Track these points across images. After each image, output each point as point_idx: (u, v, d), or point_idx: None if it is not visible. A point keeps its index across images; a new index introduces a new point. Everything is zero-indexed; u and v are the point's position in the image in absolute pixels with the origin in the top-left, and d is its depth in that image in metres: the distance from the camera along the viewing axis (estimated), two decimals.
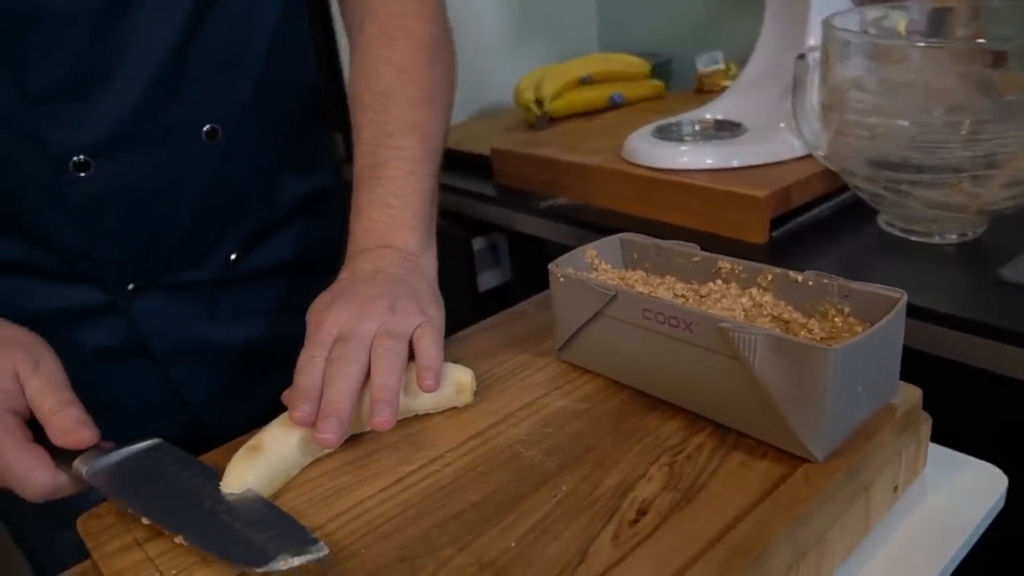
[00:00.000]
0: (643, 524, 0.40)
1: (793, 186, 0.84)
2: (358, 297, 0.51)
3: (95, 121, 0.51)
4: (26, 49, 0.48)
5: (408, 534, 0.41)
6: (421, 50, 0.59)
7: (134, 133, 0.53)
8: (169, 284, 0.60)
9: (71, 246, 0.55)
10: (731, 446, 0.46)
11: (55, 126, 0.51)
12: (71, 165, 0.52)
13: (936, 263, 0.75)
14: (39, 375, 0.46)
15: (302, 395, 0.45)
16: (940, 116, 0.72)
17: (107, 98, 0.51)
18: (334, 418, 0.44)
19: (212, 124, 0.57)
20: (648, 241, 0.57)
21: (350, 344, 0.47)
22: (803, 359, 0.40)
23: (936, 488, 0.50)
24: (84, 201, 0.53)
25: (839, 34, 0.75)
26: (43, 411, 0.46)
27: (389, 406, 0.45)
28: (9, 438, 0.44)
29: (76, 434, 0.45)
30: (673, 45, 1.53)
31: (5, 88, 0.49)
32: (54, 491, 0.45)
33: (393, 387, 0.46)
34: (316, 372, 0.47)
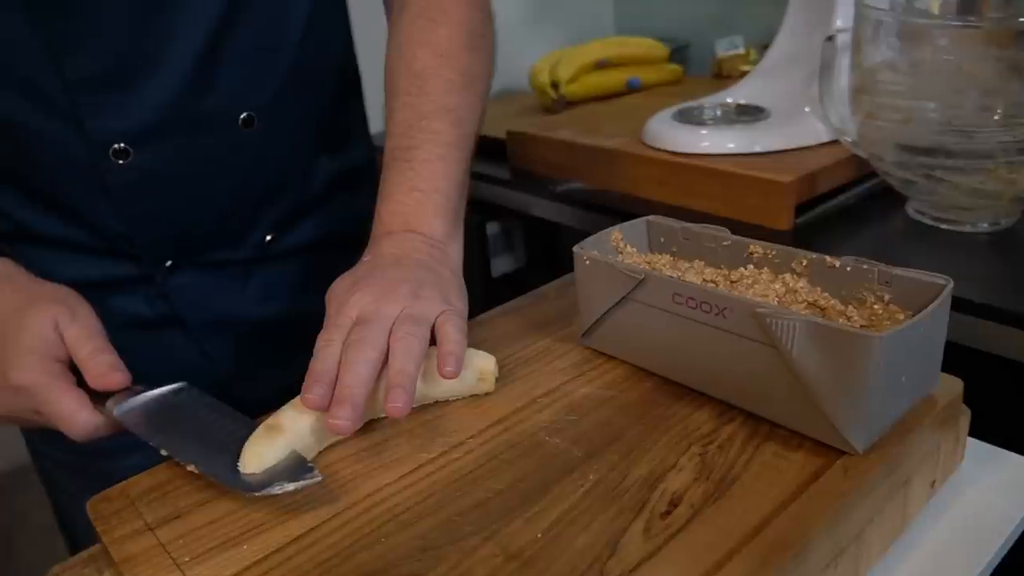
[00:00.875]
0: (675, 516, 0.39)
1: (819, 172, 0.82)
2: (381, 281, 0.49)
3: (134, 109, 0.52)
4: (68, 37, 0.49)
5: (429, 523, 0.40)
6: (462, 35, 0.58)
7: (172, 121, 0.54)
8: (205, 262, 0.61)
9: (111, 228, 0.56)
10: (764, 436, 0.44)
11: (95, 114, 0.51)
12: (111, 152, 0.52)
13: (968, 252, 0.73)
14: (76, 325, 0.49)
15: (316, 378, 0.44)
16: (974, 100, 0.70)
17: (146, 87, 0.52)
18: (349, 404, 0.43)
19: (249, 112, 0.57)
20: (676, 224, 0.55)
21: (370, 328, 0.46)
22: (846, 347, 0.39)
23: (973, 484, 0.48)
24: (123, 187, 0.54)
25: (872, 14, 0.72)
26: (80, 357, 0.48)
27: (405, 392, 0.43)
28: (55, 383, 0.47)
29: (109, 377, 0.48)
30: (690, 29, 1.50)
31: (47, 75, 0.50)
32: (94, 430, 0.48)
33: (410, 372, 0.44)
34: (332, 355, 0.45)
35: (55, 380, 0.47)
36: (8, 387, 0.47)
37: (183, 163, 0.55)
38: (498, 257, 1.21)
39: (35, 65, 0.50)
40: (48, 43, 0.49)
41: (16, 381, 0.47)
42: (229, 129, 0.57)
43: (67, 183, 0.54)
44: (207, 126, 0.55)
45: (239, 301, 0.62)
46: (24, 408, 0.48)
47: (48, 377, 0.47)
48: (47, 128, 0.52)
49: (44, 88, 0.50)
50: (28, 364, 0.47)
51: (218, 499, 0.43)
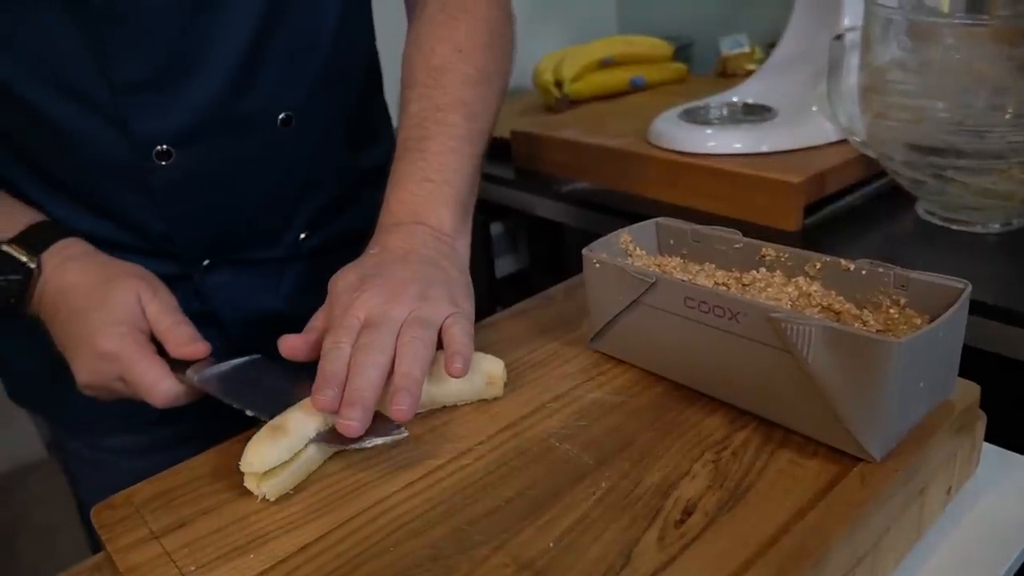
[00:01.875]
0: (690, 525, 0.38)
1: (827, 172, 0.81)
2: (388, 281, 0.49)
3: (177, 112, 0.53)
4: (115, 43, 0.50)
5: (439, 532, 0.39)
6: (482, 33, 0.59)
7: (214, 122, 0.55)
8: (240, 260, 0.62)
9: (152, 228, 0.57)
10: (778, 442, 0.43)
11: (139, 116, 0.52)
12: (154, 154, 0.54)
13: (978, 253, 0.72)
14: (157, 299, 0.52)
15: (327, 381, 0.44)
16: (985, 99, 0.69)
17: (189, 88, 0.53)
18: (359, 406, 0.42)
19: (287, 112, 0.58)
20: (686, 226, 0.54)
21: (379, 331, 0.45)
22: (863, 352, 0.38)
23: (989, 490, 0.48)
24: (165, 187, 0.55)
25: (882, 12, 0.72)
26: (161, 328, 0.51)
27: (410, 395, 0.43)
28: (141, 351, 0.49)
29: (191, 346, 0.51)
30: (693, 27, 1.49)
31: (93, 80, 0.51)
32: (175, 398, 0.50)
33: (416, 376, 0.44)
34: (342, 358, 0.45)
35: (141, 349, 0.50)
36: (97, 354, 0.49)
37: (223, 163, 0.57)
38: (502, 257, 1.20)
39: (82, 71, 0.51)
40: (96, 49, 0.50)
41: (105, 348, 0.49)
42: (268, 129, 0.58)
43: (111, 185, 0.55)
44: (247, 126, 0.56)
45: (273, 298, 0.64)
46: (110, 375, 0.50)
47: (134, 345, 0.49)
48: (93, 132, 0.53)
49: (90, 93, 0.51)
50: (117, 333, 0.49)
51: (224, 507, 0.42)
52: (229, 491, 0.43)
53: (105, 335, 0.49)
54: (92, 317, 0.50)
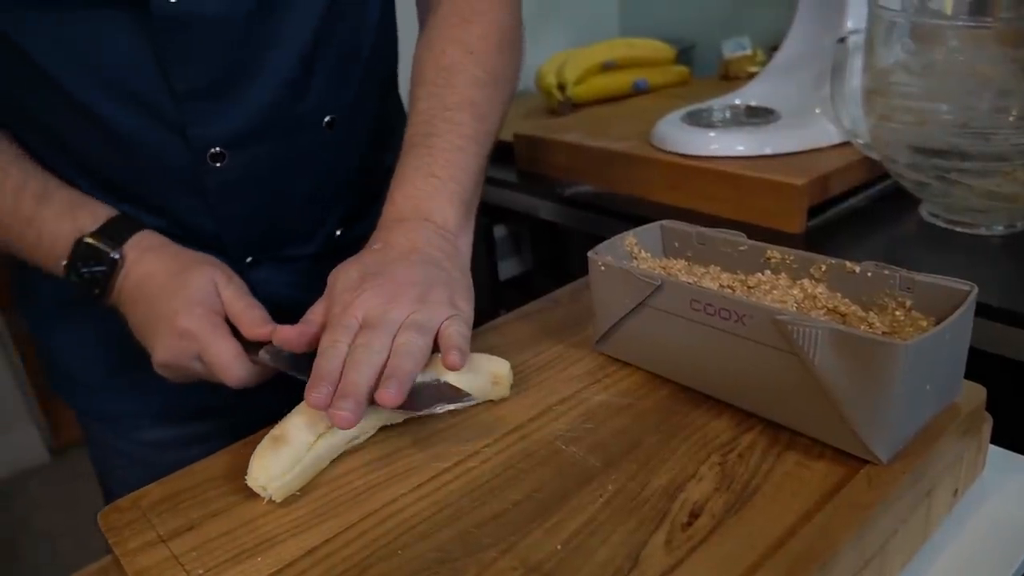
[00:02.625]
0: (697, 527, 0.38)
1: (831, 174, 0.81)
2: (389, 281, 0.49)
3: (233, 116, 0.55)
4: (179, 51, 0.52)
5: (446, 535, 0.39)
6: (493, 36, 0.60)
7: (266, 127, 0.57)
8: (280, 257, 0.64)
9: (203, 227, 0.60)
10: (785, 445, 0.43)
11: (197, 121, 0.54)
12: (208, 156, 0.56)
13: (983, 255, 0.72)
14: (232, 284, 0.55)
15: (322, 378, 0.44)
16: (989, 101, 0.69)
17: (245, 95, 0.55)
18: (352, 398, 0.43)
19: (332, 115, 0.60)
20: (690, 229, 0.54)
21: (376, 333, 0.46)
22: (870, 355, 0.38)
23: (995, 492, 0.48)
24: (217, 188, 0.58)
25: (885, 14, 0.72)
26: (236, 310, 0.53)
27: (398, 381, 0.43)
28: (217, 331, 0.51)
29: (263, 327, 0.52)
30: (695, 30, 1.49)
31: (156, 88, 0.52)
32: (247, 377, 0.51)
33: (407, 369, 0.44)
34: (338, 357, 0.45)
35: (217, 328, 0.52)
36: (177, 332, 0.51)
37: (271, 164, 0.59)
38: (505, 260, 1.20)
39: (145, 79, 0.52)
40: (160, 57, 0.52)
41: (184, 326, 0.51)
42: (314, 131, 0.60)
43: (166, 186, 0.57)
44: (296, 129, 0.59)
45: (308, 293, 0.64)
46: (187, 353, 0.52)
47: (210, 325, 0.51)
48: (151, 136, 0.54)
49: (152, 99, 0.53)
50: (196, 313, 0.51)
51: (231, 510, 0.42)
52: (236, 494, 0.44)
53: (185, 314, 0.51)
54: (172, 300, 0.52)
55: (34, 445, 2.11)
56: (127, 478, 0.69)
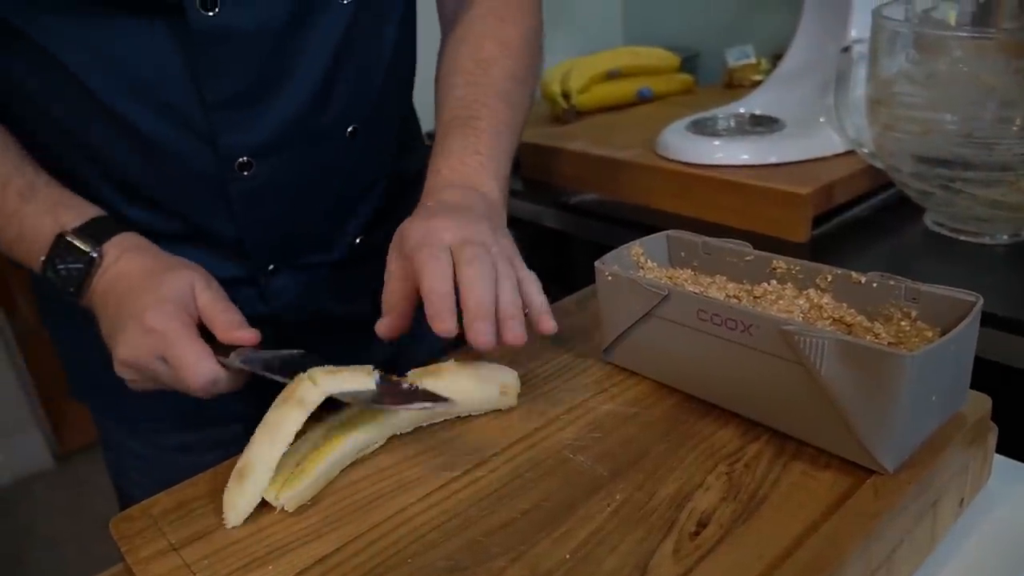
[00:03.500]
0: (704, 537, 0.38)
1: (836, 183, 0.81)
2: (462, 215, 0.51)
3: (261, 126, 0.56)
4: (212, 63, 0.53)
5: (455, 544, 0.40)
6: (524, 36, 0.64)
7: (292, 136, 0.58)
8: (300, 265, 0.65)
9: (227, 234, 0.60)
10: (791, 455, 0.44)
11: (226, 130, 0.55)
12: (236, 165, 0.57)
13: (987, 264, 0.72)
14: (210, 290, 0.54)
15: (444, 302, 0.46)
16: (992, 111, 0.69)
17: (274, 105, 0.56)
18: (487, 320, 0.45)
19: (354, 124, 0.61)
20: (696, 239, 0.55)
21: (481, 249, 0.48)
22: (876, 366, 0.38)
23: (1001, 501, 0.48)
24: (243, 196, 0.58)
25: (889, 25, 0.72)
26: (212, 313, 0.52)
27: (520, 322, 0.47)
28: (185, 331, 0.50)
29: (240, 331, 0.52)
30: (699, 38, 1.50)
31: (188, 97, 0.53)
32: (214, 381, 0.50)
33: (519, 305, 0.48)
34: (448, 275, 0.47)
35: (185, 328, 0.50)
36: (143, 329, 0.50)
37: (296, 173, 0.60)
38: None
39: (178, 88, 0.53)
40: (193, 68, 0.52)
41: (151, 323, 0.50)
42: (338, 140, 0.61)
43: (192, 193, 0.58)
44: (321, 138, 0.60)
45: (328, 300, 0.67)
46: (151, 352, 0.50)
47: (179, 324, 0.50)
48: (181, 145, 0.55)
49: (183, 109, 0.54)
50: (164, 311, 0.50)
51: None
52: None
53: (153, 311, 0.50)
54: (143, 297, 0.51)
55: (39, 451, 2.11)
56: (143, 481, 0.70)
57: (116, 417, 0.71)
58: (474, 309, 0.46)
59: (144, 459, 0.71)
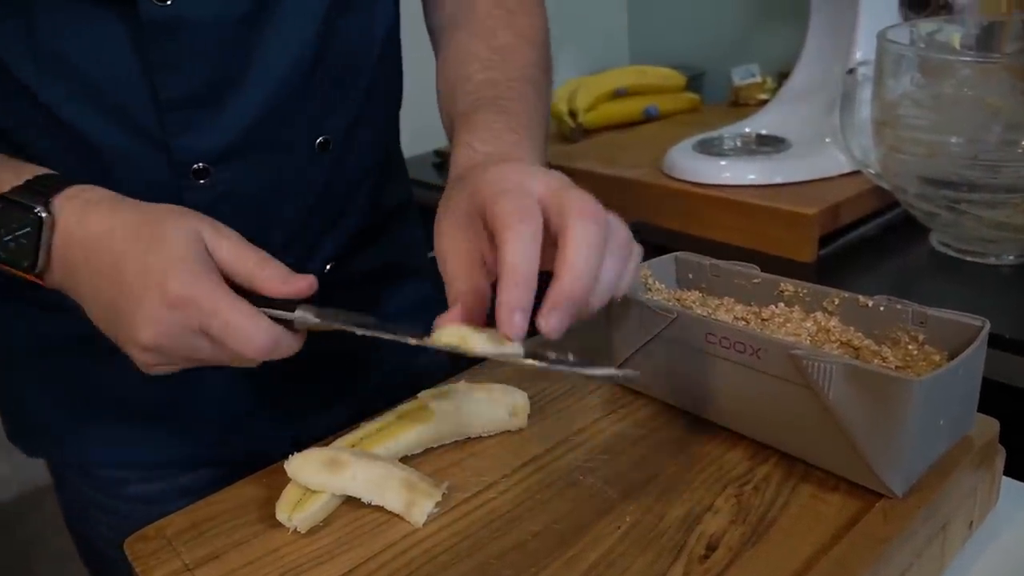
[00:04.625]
0: (714, 560, 0.39)
1: (843, 203, 0.82)
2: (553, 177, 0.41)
3: (218, 130, 0.51)
4: (165, 57, 0.48)
5: (467, 566, 0.40)
6: (539, 27, 0.59)
7: (253, 143, 0.53)
8: None
9: None
10: (800, 477, 0.44)
11: (181, 133, 0.50)
12: (191, 172, 0.52)
13: (993, 285, 0.72)
14: (225, 236, 0.44)
15: (526, 290, 0.36)
16: (997, 133, 0.70)
17: (232, 108, 0.51)
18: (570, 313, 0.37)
19: (325, 136, 0.56)
20: (704, 261, 0.55)
21: (591, 201, 0.38)
22: (884, 390, 0.39)
23: (1010, 524, 0.48)
24: (200, 207, 0.50)
25: (893, 48, 0.73)
26: (246, 267, 0.43)
27: None
28: (222, 292, 0.41)
29: (296, 280, 0.43)
30: (705, 57, 1.51)
31: (139, 96, 0.49)
32: (276, 344, 0.42)
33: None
34: (537, 247, 0.37)
35: (221, 289, 0.41)
36: (168, 302, 0.40)
37: (259, 184, 0.55)
38: None
39: (129, 87, 0.49)
40: (144, 63, 0.48)
41: (176, 291, 0.40)
42: (306, 152, 0.56)
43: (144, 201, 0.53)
44: (286, 148, 0.55)
45: None
46: (187, 327, 0.41)
47: (212, 286, 0.41)
48: (133, 148, 0.51)
49: (134, 109, 0.50)
50: (189, 272, 0.40)
51: (255, 539, 0.43)
52: (260, 523, 0.44)
53: (176, 278, 0.40)
54: (150, 260, 0.41)
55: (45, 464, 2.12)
56: (108, 534, 0.64)
57: (65, 463, 0.65)
58: (564, 291, 0.36)
59: (107, 512, 0.64)
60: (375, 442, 0.47)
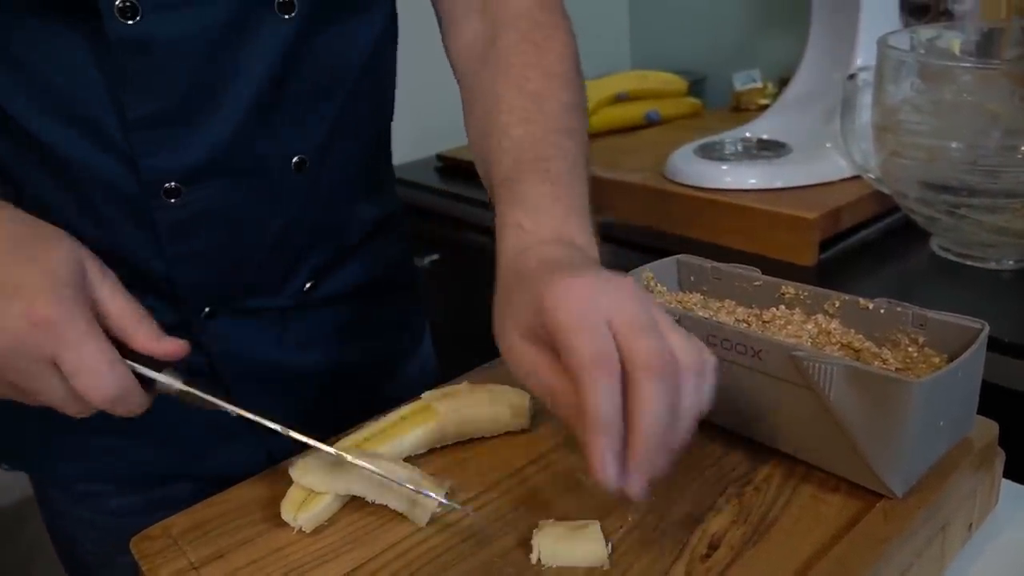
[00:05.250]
0: (715, 559, 0.39)
1: (843, 207, 0.82)
2: (619, 288, 0.38)
3: (189, 149, 0.51)
4: (134, 75, 0.48)
5: (470, 564, 0.40)
6: (568, 57, 0.56)
7: (226, 162, 0.52)
8: (243, 309, 0.59)
9: (154, 270, 0.55)
10: (800, 478, 0.44)
11: (151, 152, 0.50)
12: (162, 191, 0.51)
13: (993, 289, 0.73)
14: (110, 279, 0.43)
15: (612, 439, 0.35)
16: (997, 139, 0.71)
17: (203, 126, 0.51)
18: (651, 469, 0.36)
19: (301, 155, 0.55)
20: (706, 264, 0.56)
21: (661, 346, 0.36)
22: (884, 392, 0.39)
23: (1009, 526, 0.48)
24: (171, 227, 0.52)
25: (894, 54, 0.74)
26: (124, 317, 0.42)
27: None
28: (91, 328, 0.40)
29: (165, 342, 0.42)
30: (706, 62, 1.52)
31: (107, 113, 0.49)
32: (123, 396, 0.41)
33: None
34: (618, 391, 0.35)
35: (91, 324, 0.40)
36: (29, 317, 0.38)
37: (232, 203, 0.54)
38: None
39: (96, 103, 0.49)
40: (113, 81, 0.48)
41: (44, 312, 0.38)
42: (282, 171, 0.55)
43: (115, 222, 0.53)
44: (260, 167, 0.54)
45: (274, 352, 0.61)
46: (41, 352, 0.39)
47: (83, 318, 0.39)
48: (102, 166, 0.50)
49: (102, 126, 0.49)
50: (61, 295, 0.39)
51: (260, 538, 0.44)
52: (265, 522, 0.45)
53: (46, 297, 0.39)
54: (22, 271, 0.40)
55: None
56: (96, 550, 0.64)
57: (46, 478, 0.64)
58: (642, 453, 0.35)
59: (94, 527, 0.64)
60: (380, 442, 0.48)
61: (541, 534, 0.40)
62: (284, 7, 0.50)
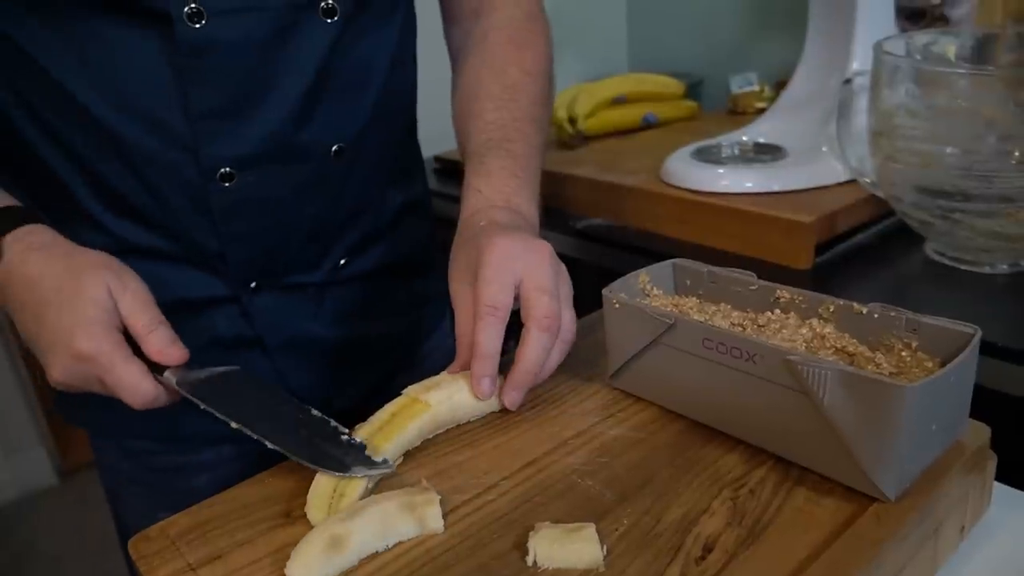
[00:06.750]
0: (710, 562, 0.39)
1: (839, 212, 0.83)
2: (523, 237, 0.53)
3: (243, 138, 0.57)
4: (197, 74, 0.54)
5: (467, 566, 0.41)
6: (542, 61, 0.68)
7: (274, 150, 0.58)
8: (285, 285, 0.65)
9: (208, 246, 0.60)
10: (795, 481, 0.45)
11: (209, 141, 0.56)
12: (218, 176, 0.57)
13: (987, 294, 0.73)
14: (128, 293, 0.51)
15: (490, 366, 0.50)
16: (992, 144, 0.71)
17: (256, 118, 0.57)
18: (521, 390, 0.52)
19: (340, 144, 0.61)
20: (702, 267, 0.56)
21: (552, 308, 0.50)
22: (877, 396, 0.39)
23: (1001, 529, 0.49)
24: (224, 208, 0.59)
25: (889, 59, 0.74)
26: (137, 328, 0.51)
27: None
28: (119, 352, 0.49)
29: (170, 351, 0.51)
30: (703, 65, 1.52)
31: (172, 106, 0.55)
32: (154, 400, 0.50)
33: None
34: (501, 334, 0.50)
35: (118, 350, 0.49)
36: (73, 354, 0.49)
37: (278, 188, 0.60)
38: None
39: (162, 99, 0.54)
40: (179, 77, 0.54)
41: (80, 348, 0.48)
42: (322, 159, 0.61)
43: (174, 204, 0.58)
44: (303, 155, 0.60)
45: (311, 324, 0.67)
46: (87, 376, 0.50)
47: (111, 346, 0.49)
48: (164, 154, 0.56)
49: (167, 117, 0.55)
50: (93, 333, 0.49)
51: (258, 539, 0.44)
52: (263, 523, 0.45)
53: (81, 336, 0.48)
54: (64, 316, 0.49)
55: (43, 467, 2.12)
56: (138, 506, 0.70)
57: (102, 434, 0.71)
58: (519, 379, 0.51)
59: (137, 482, 0.70)
60: (382, 440, 0.48)
61: (537, 536, 0.41)
62: (327, 12, 0.57)
